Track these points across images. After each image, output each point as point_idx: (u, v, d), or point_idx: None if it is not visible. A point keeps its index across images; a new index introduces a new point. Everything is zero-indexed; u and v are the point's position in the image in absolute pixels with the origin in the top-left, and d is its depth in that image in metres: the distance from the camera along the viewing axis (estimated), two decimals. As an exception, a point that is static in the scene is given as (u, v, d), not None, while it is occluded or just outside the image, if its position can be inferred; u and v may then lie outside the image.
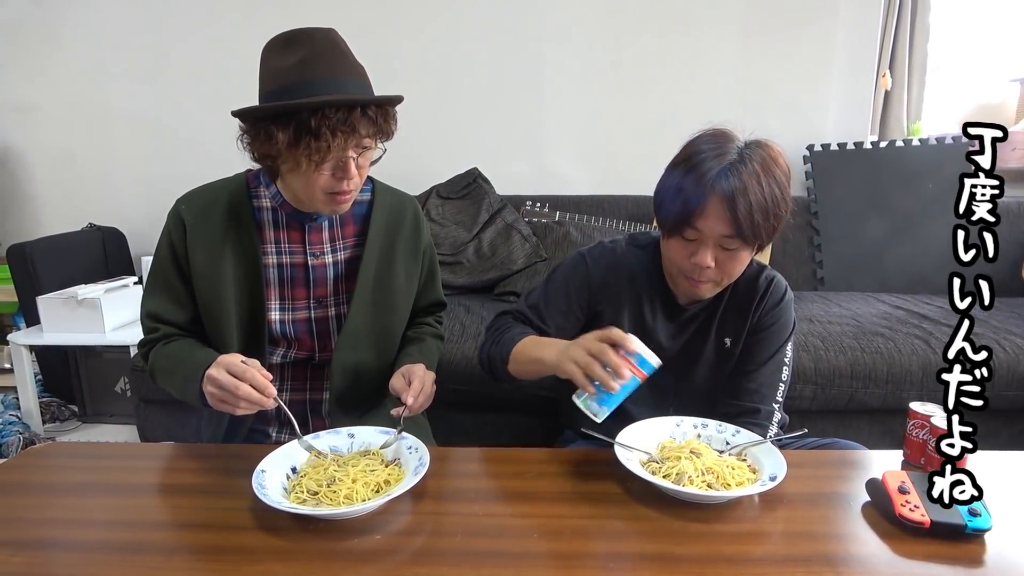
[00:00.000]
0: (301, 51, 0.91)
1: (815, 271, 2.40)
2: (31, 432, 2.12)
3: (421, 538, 0.76)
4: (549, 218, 2.34)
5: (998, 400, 1.64)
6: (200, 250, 1.03)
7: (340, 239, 1.10)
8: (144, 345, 1.08)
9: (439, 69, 2.56)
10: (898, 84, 2.61)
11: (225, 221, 1.03)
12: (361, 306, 1.08)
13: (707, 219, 0.94)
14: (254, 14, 2.52)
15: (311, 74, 0.90)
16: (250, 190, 1.06)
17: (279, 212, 1.06)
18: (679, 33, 2.49)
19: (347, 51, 0.95)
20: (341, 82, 0.92)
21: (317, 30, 0.93)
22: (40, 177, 2.76)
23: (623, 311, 1.10)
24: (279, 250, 1.06)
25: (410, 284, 1.15)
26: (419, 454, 0.87)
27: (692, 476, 0.83)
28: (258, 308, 1.04)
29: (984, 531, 0.74)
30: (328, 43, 0.93)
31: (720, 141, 0.96)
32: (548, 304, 1.11)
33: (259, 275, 1.04)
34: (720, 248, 0.96)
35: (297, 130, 0.89)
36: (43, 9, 2.59)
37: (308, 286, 1.08)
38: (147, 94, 2.64)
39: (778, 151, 0.98)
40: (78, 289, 2.07)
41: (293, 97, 0.90)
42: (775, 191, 0.94)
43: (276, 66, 0.92)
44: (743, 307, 1.09)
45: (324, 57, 0.91)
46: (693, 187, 0.93)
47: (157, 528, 0.80)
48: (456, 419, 1.68)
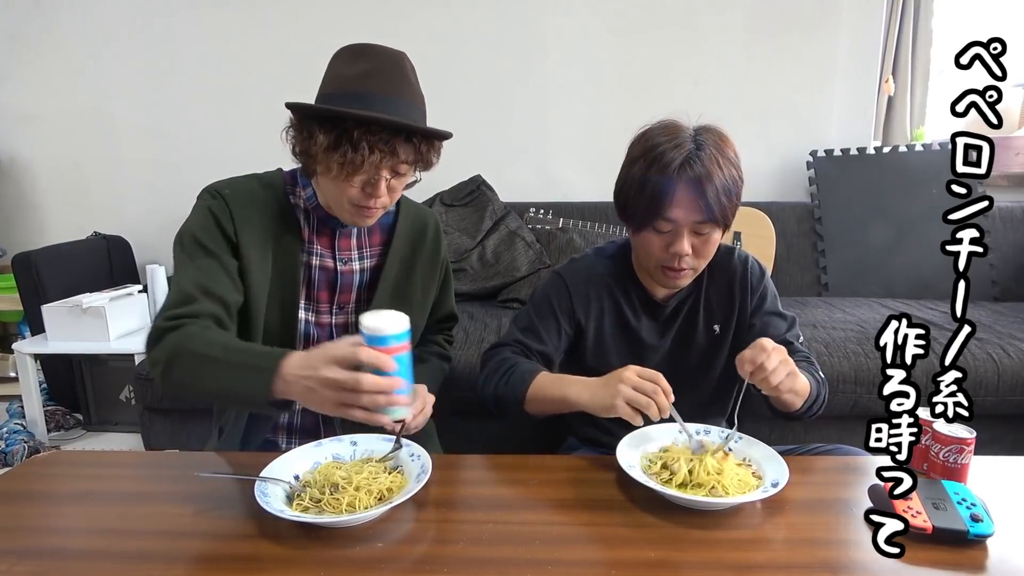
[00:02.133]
0: (367, 63, 0.93)
1: (819, 277, 2.40)
2: (36, 440, 2.13)
3: (424, 546, 0.76)
4: (553, 225, 2.34)
5: (1003, 405, 1.63)
6: (251, 238, 1.00)
7: (367, 247, 1.11)
8: (169, 319, 0.89)
9: (442, 76, 2.56)
10: (901, 89, 2.62)
11: (271, 214, 1.03)
12: None
13: (678, 208, 0.97)
14: (259, 23, 2.54)
15: (370, 87, 0.92)
16: (286, 188, 1.06)
17: (312, 215, 1.06)
18: (682, 40, 2.50)
19: (411, 76, 0.96)
20: (396, 103, 0.92)
21: (388, 49, 0.95)
22: (45, 186, 2.78)
23: (605, 318, 1.12)
24: (311, 251, 1.07)
25: (426, 297, 1.16)
26: (421, 461, 0.87)
27: (696, 470, 0.83)
28: (289, 306, 1.05)
29: (986, 537, 0.73)
30: (394, 62, 0.94)
31: (673, 132, 0.99)
32: (541, 324, 1.12)
33: (297, 273, 1.04)
34: (695, 234, 0.99)
35: (339, 137, 0.90)
36: (47, 17, 2.62)
37: (334, 291, 1.09)
38: (152, 103, 2.66)
39: (726, 133, 1.01)
40: (83, 298, 2.08)
41: (347, 105, 0.91)
42: (732, 172, 0.98)
43: (339, 72, 0.95)
44: (726, 290, 1.12)
45: (387, 74, 0.93)
46: (659, 179, 0.97)
47: (160, 536, 0.80)
48: (460, 426, 1.68)
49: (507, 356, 1.10)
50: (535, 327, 1.12)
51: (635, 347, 0.97)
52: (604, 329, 1.12)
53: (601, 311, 1.12)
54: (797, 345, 1.10)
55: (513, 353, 1.11)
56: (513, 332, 1.14)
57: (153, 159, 2.71)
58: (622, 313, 1.12)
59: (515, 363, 1.08)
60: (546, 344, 1.11)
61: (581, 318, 1.12)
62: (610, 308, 1.12)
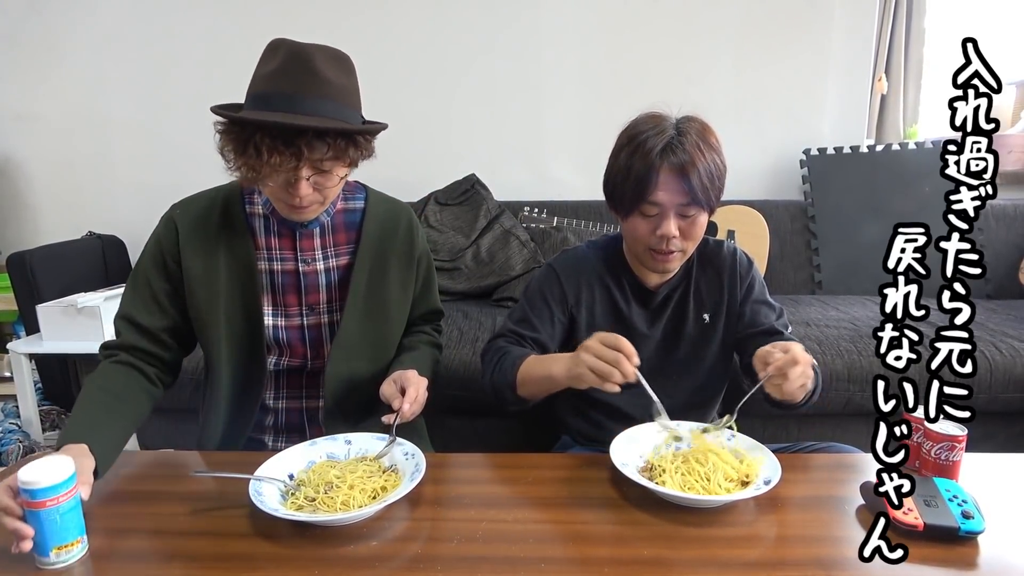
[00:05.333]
0: (275, 61, 0.91)
1: (813, 275, 2.41)
2: (31, 440, 2.12)
3: (418, 544, 0.77)
4: (547, 223, 2.35)
5: (995, 403, 1.64)
6: (194, 256, 1.03)
7: (332, 246, 1.10)
8: (103, 348, 1.05)
9: (436, 74, 2.57)
10: (894, 88, 2.63)
11: (219, 227, 1.04)
12: (353, 315, 1.08)
13: (662, 191, 1.00)
14: (254, 22, 2.54)
15: (272, 87, 0.90)
16: (244, 197, 1.06)
17: (271, 219, 1.06)
18: (676, 39, 2.51)
19: (323, 69, 0.91)
20: (301, 101, 0.89)
21: (298, 44, 0.92)
22: (40, 186, 2.77)
23: (597, 306, 1.14)
24: (271, 256, 1.07)
25: (404, 293, 1.15)
26: (415, 460, 0.88)
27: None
28: (253, 314, 1.05)
29: (977, 534, 0.74)
30: (300, 59, 0.90)
31: (656, 121, 1.03)
32: (534, 314, 1.13)
33: (254, 281, 1.04)
34: (680, 216, 1.02)
35: (244, 143, 0.89)
36: (42, 18, 2.60)
37: (300, 293, 1.08)
38: (146, 102, 2.65)
39: (706, 123, 1.04)
40: (77, 297, 2.08)
41: (255, 107, 0.91)
42: (714, 156, 1.01)
43: (257, 71, 0.94)
44: (715, 280, 1.14)
45: (291, 72, 0.90)
46: (642, 164, 1.00)
47: (155, 536, 0.80)
48: (453, 424, 1.69)
49: (501, 346, 1.11)
50: (528, 317, 1.13)
51: (627, 335, 0.98)
52: (596, 317, 1.13)
53: (592, 299, 1.14)
54: (786, 334, 1.12)
55: (507, 343, 1.12)
56: (507, 324, 1.15)
57: (147, 159, 2.71)
58: (614, 301, 1.13)
59: (506, 351, 1.09)
60: (540, 332, 1.12)
61: (573, 306, 1.13)
62: (602, 296, 1.14)
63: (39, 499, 0.71)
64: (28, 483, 0.70)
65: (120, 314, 1.05)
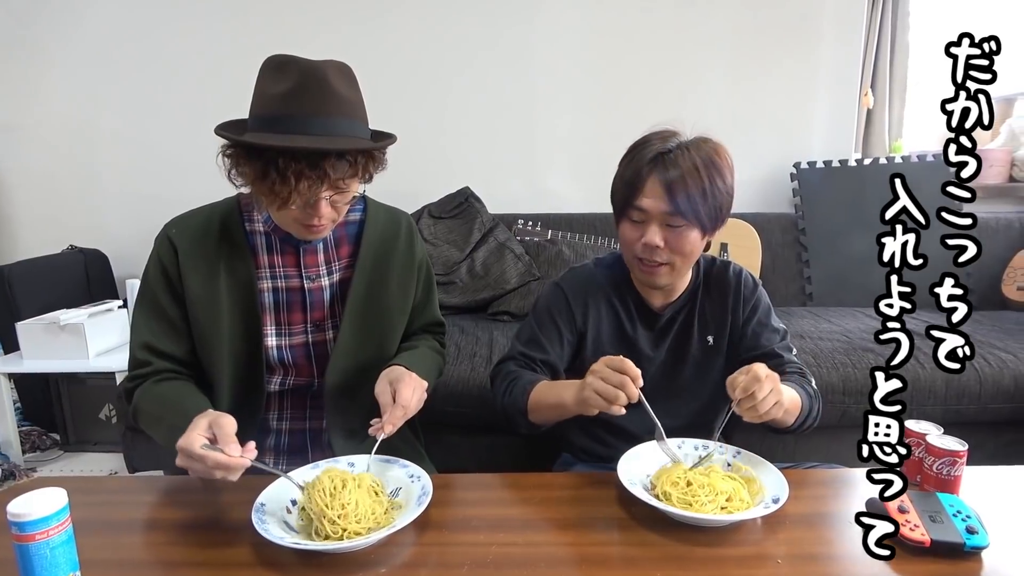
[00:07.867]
0: (288, 81, 0.87)
1: (804, 287, 2.43)
2: (11, 463, 2.06)
3: (426, 570, 0.75)
4: (541, 236, 2.34)
5: (984, 413, 1.66)
6: (194, 276, 1.00)
7: (336, 260, 1.08)
8: (131, 380, 1.02)
9: (429, 87, 2.57)
10: (879, 102, 2.68)
11: (219, 246, 1.01)
12: (349, 328, 1.06)
13: (647, 198, 1.01)
14: (243, 34, 2.52)
15: (292, 109, 0.87)
16: (243, 214, 1.04)
17: (272, 236, 1.04)
18: (669, 53, 2.54)
19: (339, 87, 0.90)
20: (323, 122, 0.88)
21: (309, 62, 0.89)
22: (19, 198, 2.70)
23: (603, 325, 1.13)
24: (274, 275, 1.04)
25: (405, 299, 1.13)
26: (422, 483, 0.86)
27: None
28: (254, 335, 1.03)
29: (982, 548, 0.75)
30: (316, 77, 0.88)
31: (665, 135, 1.05)
32: (543, 334, 1.13)
33: (254, 301, 1.02)
34: (667, 227, 1.02)
35: (265, 168, 0.87)
36: (26, 29, 2.56)
37: (305, 310, 1.06)
38: (131, 113, 2.62)
39: (721, 147, 1.05)
40: (60, 314, 2.03)
41: (272, 129, 0.88)
42: (715, 177, 1.01)
43: (264, 91, 0.90)
44: (719, 302, 1.14)
45: (310, 91, 0.87)
46: (632, 170, 1.03)
47: (152, 567, 0.78)
48: (452, 441, 1.67)
49: (511, 370, 1.10)
50: (537, 338, 1.13)
51: (632, 356, 0.97)
52: (602, 337, 1.13)
53: (599, 318, 1.13)
54: (789, 357, 1.12)
55: (517, 366, 1.11)
56: (516, 346, 1.14)
57: (131, 169, 2.66)
58: (619, 321, 1.13)
59: (517, 376, 1.08)
60: (549, 353, 1.11)
61: (581, 325, 1.13)
62: (608, 315, 1.13)
63: (28, 532, 0.68)
64: (17, 515, 0.67)
65: (141, 344, 1.01)
